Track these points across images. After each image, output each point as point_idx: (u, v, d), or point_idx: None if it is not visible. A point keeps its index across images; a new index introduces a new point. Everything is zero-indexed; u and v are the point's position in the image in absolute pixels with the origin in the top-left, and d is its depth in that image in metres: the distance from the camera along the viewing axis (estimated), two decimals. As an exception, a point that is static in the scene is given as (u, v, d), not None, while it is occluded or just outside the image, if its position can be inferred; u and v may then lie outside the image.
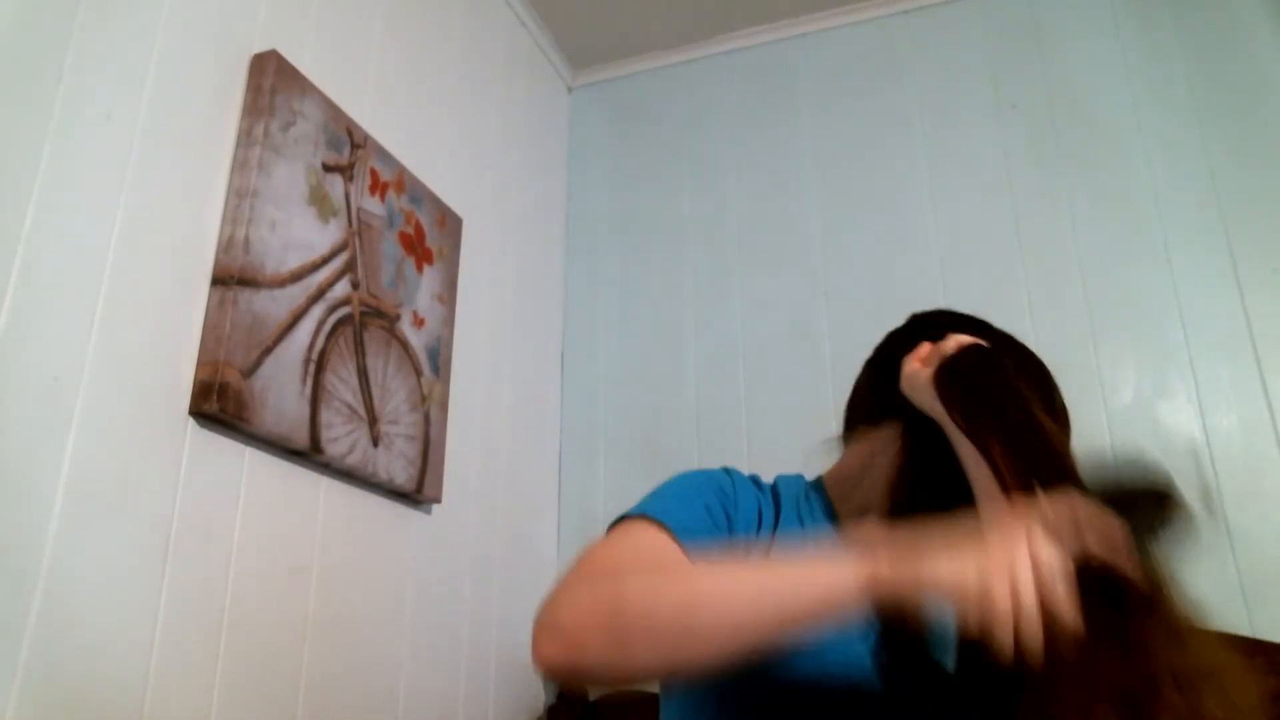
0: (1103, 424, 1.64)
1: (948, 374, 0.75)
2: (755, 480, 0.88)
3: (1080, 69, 1.91)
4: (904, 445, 0.80)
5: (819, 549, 0.65)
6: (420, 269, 1.56)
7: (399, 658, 1.41)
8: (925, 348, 0.80)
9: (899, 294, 1.84)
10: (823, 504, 0.86)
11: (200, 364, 1.11)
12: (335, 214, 1.36)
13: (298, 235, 1.27)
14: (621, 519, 0.75)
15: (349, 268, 1.38)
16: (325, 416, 1.27)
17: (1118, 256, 1.76)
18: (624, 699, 1.67)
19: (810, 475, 0.91)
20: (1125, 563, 0.57)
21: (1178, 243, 1.73)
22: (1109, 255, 1.77)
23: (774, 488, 0.87)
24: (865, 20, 2.12)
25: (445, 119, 1.77)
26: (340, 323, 1.34)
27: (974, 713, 0.65)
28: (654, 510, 0.74)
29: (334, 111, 1.38)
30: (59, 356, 0.95)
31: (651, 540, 0.71)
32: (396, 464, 1.41)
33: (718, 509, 0.77)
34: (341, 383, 1.32)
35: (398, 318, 1.48)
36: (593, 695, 1.72)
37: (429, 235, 1.60)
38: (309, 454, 1.24)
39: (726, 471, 0.85)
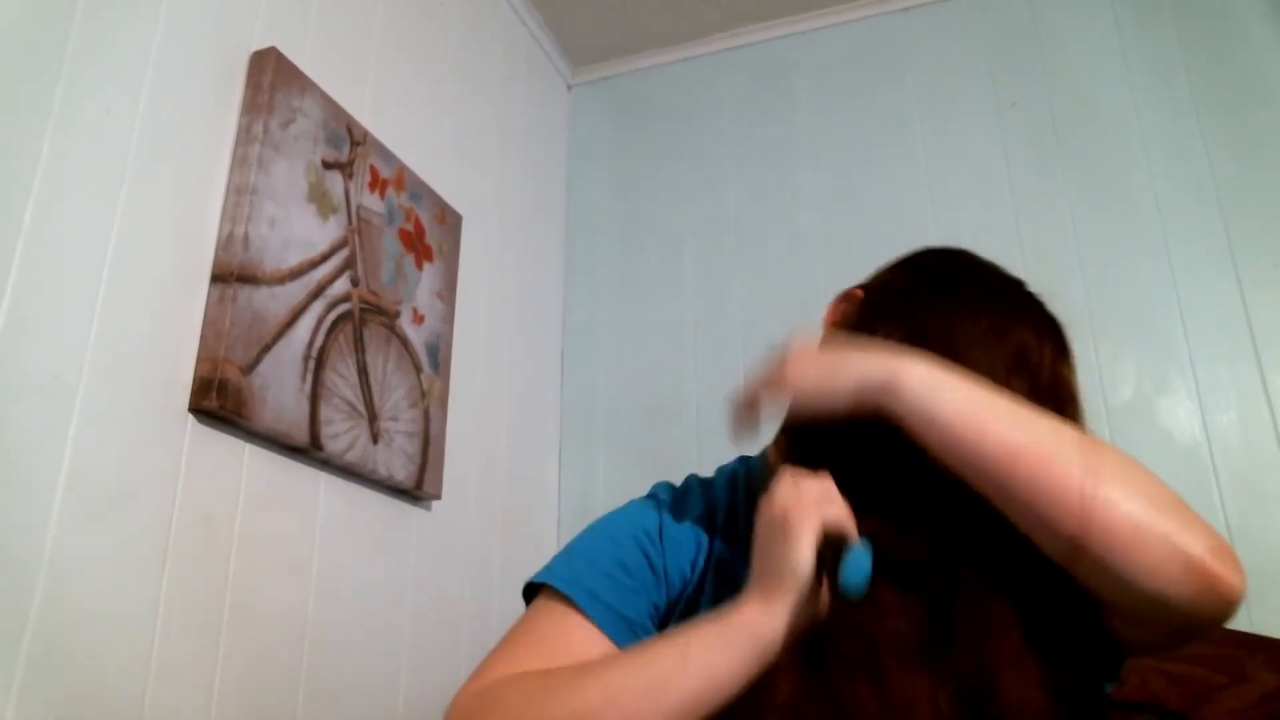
0: (1103, 422, 1.64)
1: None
2: (700, 486, 0.83)
3: (1080, 67, 1.90)
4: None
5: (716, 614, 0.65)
6: (420, 266, 1.56)
7: (399, 654, 1.41)
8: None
9: (899, 292, 1.83)
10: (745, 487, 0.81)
11: (200, 360, 1.11)
12: (335, 211, 1.36)
13: (297, 232, 1.26)
14: (534, 586, 0.76)
15: (349, 264, 1.37)
16: (325, 413, 1.27)
17: (1118, 255, 1.76)
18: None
19: None
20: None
21: (1178, 241, 1.72)
22: (1109, 254, 1.76)
23: (725, 484, 0.83)
24: (865, 17, 2.12)
25: (445, 116, 1.77)
26: (340, 319, 1.34)
27: None
28: (562, 579, 0.74)
29: (333, 108, 1.38)
30: (58, 353, 0.95)
31: (555, 628, 0.72)
32: (396, 460, 1.41)
33: (636, 561, 0.75)
34: (341, 379, 1.32)
35: (397, 314, 1.48)
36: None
37: (429, 232, 1.60)
38: (309, 450, 1.24)
39: (654, 502, 0.80)
